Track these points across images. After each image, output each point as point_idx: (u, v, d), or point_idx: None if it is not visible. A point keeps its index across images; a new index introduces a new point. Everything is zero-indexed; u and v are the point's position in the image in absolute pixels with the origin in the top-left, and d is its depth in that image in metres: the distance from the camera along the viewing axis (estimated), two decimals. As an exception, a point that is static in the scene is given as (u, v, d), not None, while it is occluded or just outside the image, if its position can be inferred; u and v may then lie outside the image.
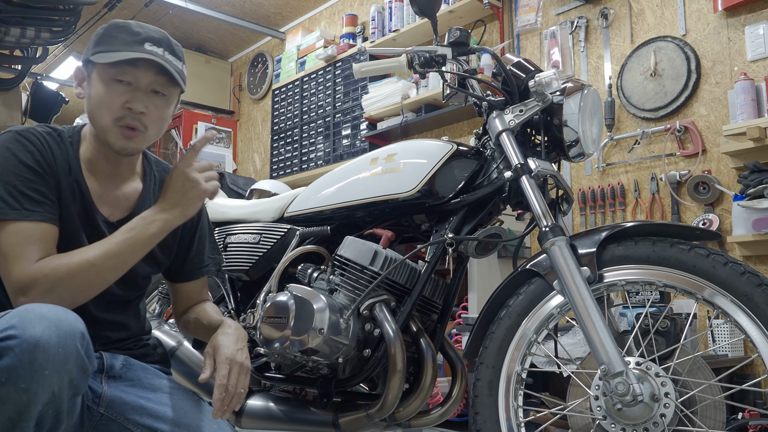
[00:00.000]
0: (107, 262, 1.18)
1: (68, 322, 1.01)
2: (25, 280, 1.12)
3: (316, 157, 4.76)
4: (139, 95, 1.25)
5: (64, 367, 0.98)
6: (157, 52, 1.24)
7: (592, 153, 1.57)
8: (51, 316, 1.00)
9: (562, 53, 3.51)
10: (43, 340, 0.96)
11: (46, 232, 1.19)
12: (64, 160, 1.26)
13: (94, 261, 1.17)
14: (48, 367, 0.96)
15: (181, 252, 1.47)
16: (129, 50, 1.22)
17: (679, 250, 1.29)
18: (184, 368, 1.76)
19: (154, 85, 1.26)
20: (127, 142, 1.26)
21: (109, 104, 1.24)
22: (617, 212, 3.23)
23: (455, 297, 1.65)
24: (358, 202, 1.65)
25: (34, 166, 1.20)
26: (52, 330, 0.98)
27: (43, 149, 1.23)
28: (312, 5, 5.25)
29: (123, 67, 1.23)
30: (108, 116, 1.24)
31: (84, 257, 1.17)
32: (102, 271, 1.18)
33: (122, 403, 1.25)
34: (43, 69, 6.01)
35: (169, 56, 1.27)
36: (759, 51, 2.82)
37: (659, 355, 1.32)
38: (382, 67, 1.73)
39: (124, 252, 1.21)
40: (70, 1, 2.94)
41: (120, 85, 1.24)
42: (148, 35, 1.25)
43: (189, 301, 1.52)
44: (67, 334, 0.99)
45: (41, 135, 1.24)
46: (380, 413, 1.45)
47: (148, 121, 1.26)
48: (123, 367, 1.32)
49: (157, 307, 2.29)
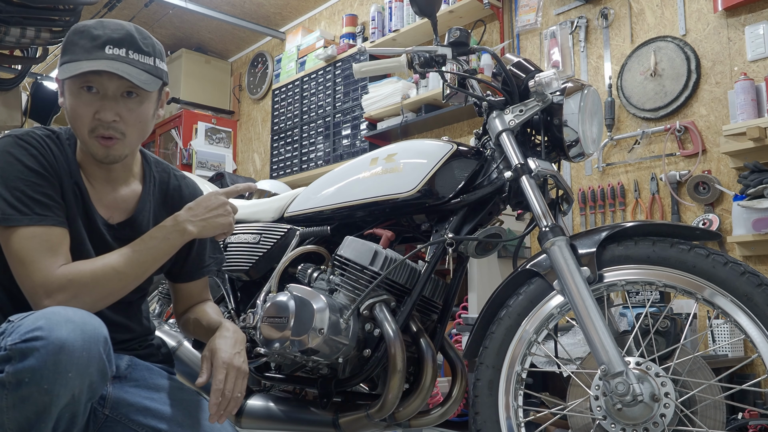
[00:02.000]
0: (131, 270, 1.21)
1: (93, 327, 1.02)
2: (51, 285, 1.13)
3: (316, 157, 4.76)
4: (107, 104, 1.20)
5: (86, 370, 0.99)
6: (119, 54, 1.19)
7: (592, 153, 1.57)
8: (77, 320, 1.01)
9: (562, 53, 3.51)
10: (68, 342, 0.97)
11: (59, 236, 1.19)
12: (64, 163, 1.26)
13: (118, 268, 1.19)
14: (72, 369, 0.97)
15: (182, 252, 1.46)
16: (89, 58, 1.17)
17: (679, 250, 1.29)
18: (184, 368, 1.76)
19: (121, 89, 1.21)
20: (107, 150, 1.23)
21: (81, 116, 1.21)
22: (617, 212, 3.23)
23: (455, 297, 1.65)
24: (358, 202, 1.65)
25: (39, 170, 1.20)
26: (78, 333, 0.99)
27: (45, 152, 1.22)
28: (312, 5, 5.25)
29: (86, 76, 1.19)
30: (83, 128, 1.22)
31: (109, 264, 1.19)
32: (125, 278, 1.20)
33: (126, 404, 1.26)
34: (43, 69, 6.01)
35: (134, 54, 1.21)
36: (759, 51, 2.82)
37: (659, 355, 1.32)
38: (382, 67, 1.73)
39: (147, 260, 1.23)
40: (70, 1, 2.94)
41: (87, 94, 1.20)
42: (108, 37, 1.19)
43: (190, 300, 1.52)
44: (91, 338, 1.00)
45: (41, 138, 1.24)
46: (380, 413, 1.45)
47: (123, 126, 1.22)
48: (128, 367, 1.32)
49: (157, 307, 2.29)
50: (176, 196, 1.44)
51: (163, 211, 1.40)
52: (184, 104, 5.61)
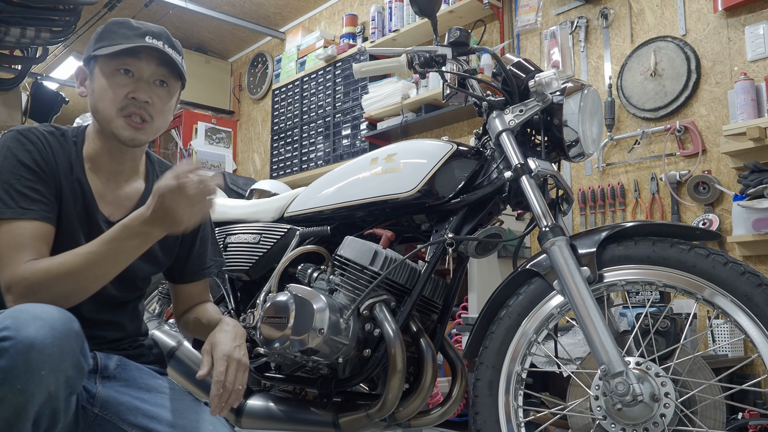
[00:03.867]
0: (89, 272, 1.14)
1: (63, 322, 1.00)
2: (10, 281, 1.12)
3: (316, 157, 4.76)
4: (142, 85, 1.26)
5: (60, 366, 0.97)
6: (158, 44, 1.26)
7: (592, 153, 1.57)
8: (45, 316, 0.99)
9: (562, 53, 3.51)
10: (38, 340, 0.95)
11: (40, 230, 1.18)
12: (66, 160, 1.26)
13: (73, 271, 1.13)
14: (44, 367, 0.95)
15: (183, 253, 1.47)
16: (131, 42, 1.24)
17: (679, 250, 1.29)
18: (184, 368, 1.75)
19: (156, 75, 1.28)
20: (134, 132, 1.26)
21: (112, 95, 1.24)
22: (617, 212, 3.23)
23: (455, 297, 1.65)
24: (358, 202, 1.65)
25: (32, 165, 1.20)
26: (47, 330, 0.97)
27: (43, 149, 1.23)
28: (312, 5, 5.25)
29: (125, 59, 1.25)
30: (112, 107, 1.25)
31: (65, 265, 1.13)
32: (83, 280, 1.14)
33: (117, 404, 1.25)
34: (43, 69, 6.01)
35: (169, 49, 1.28)
36: (759, 51, 2.82)
37: (659, 355, 1.32)
38: (382, 67, 1.73)
39: (105, 262, 1.15)
40: (70, 1, 2.94)
41: (123, 76, 1.25)
42: (148, 29, 1.28)
43: (190, 302, 1.52)
44: (62, 334, 0.98)
45: (42, 134, 1.25)
46: (380, 413, 1.45)
47: (153, 111, 1.28)
48: (117, 367, 1.31)
49: (157, 307, 2.29)
50: None
51: None
52: (184, 104, 5.61)
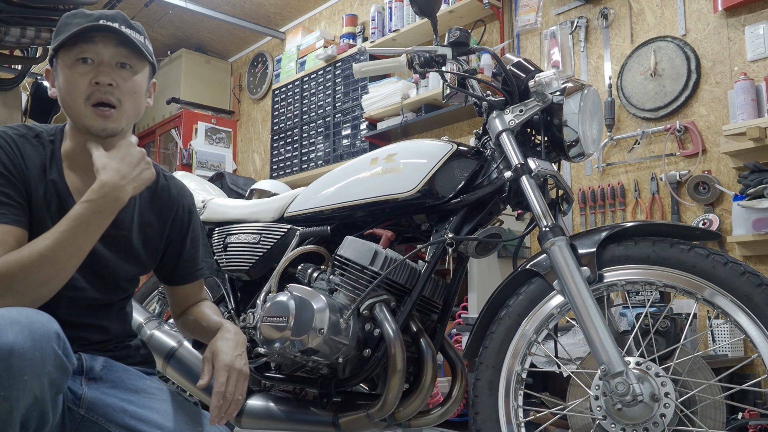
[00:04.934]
0: (62, 252, 1.12)
1: (41, 324, 0.98)
2: None
3: (316, 157, 4.76)
4: (103, 69, 1.22)
5: (42, 369, 0.96)
6: (113, 25, 1.22)
7: (592, 153, 1.57)
8: (22, 320, 0.96)
9: (562, 53, 3.51)
10: (17, 345, 0.93)
11: (8, 233, 1.14)
12: (39, 161, 1.23)
13: (46, 253, 1.10)
14: (26, 372, 0.93)
15: (173, 254, 1.45)
16: (84, 27, 1.21)
17: (679, 250, 1.29)
18: (184, 368, 1.75)
19: (117, 57, 1.24)
20: (104, 121, 1.22)
21: (76, 85, 1.21)
22: (617, 212, 3.23)
23: (455, 297, 1.65)
24: (358, 202, 1.65)
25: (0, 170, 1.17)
26: (26, 334, 0.95)
27: (12, 152, 1.20)
28: (312, 5, 5.25)
29: (81, 46, 1.21)
30: (78, 98, 1.21)
31: (36, 251, 1.11)
32: (57, 262, 1.11)
33: (103, 405, 1.23)
34: (43, 69, 6.01)
35: (127, 30, 1.24)
36: (759, 51, 2.82)
37: (659, 355, 1.32)
38: (382, 67, 1.73)
39: (78, 240, 1.13)
40: (70, 1, 2.94)
41: (83, 65, 1.22)
42: (102, 14, 1.24)
43: (186, 302, 1.51)
44: (41, 336, 0.97)
45: (10, 138, 1.22)
46: (380, 413, 1.45)
47: (119, 94, 1.23)
48: (104, 368, 1.29)
49: (157, 307, 2.29)
50: (164, 196, 1.42)
51: (150, 211, 1.39)
52: (184, 104, 5.61)
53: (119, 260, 1.31)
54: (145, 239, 1.38)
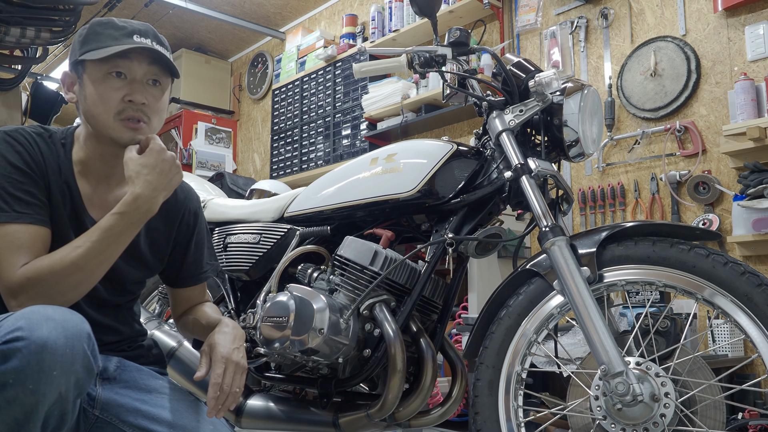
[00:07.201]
0: (93, 260, 1.15)
1: (74, 323, 1.01)
2: (12, 286, 1.11)
3: (316, 157, 4.76)
4: (137, 87, 1.24)
5: (71, 367, 0.98)
6: (147, 42, 1.24)
7: (592, 153, 1.57)
8: (57, 317, 0.99)
9: (562, 53, 3.51)
10: (50, 341, 0.96)
11: (36, 234, 1.17)
12: (54, 161, 1.25)
13: (78, 262, 1.14)
14: (56, 367, 0.95)
15: (178, 257, 1.45)
16: (119, 43, 1.21)
17: (679, 250, 1.29)
18: (184, 368, 1.75)
19: (149, 75, 1.26)
20: (134, 134, 1.24)
21: (107, 100, 1.22)
22: (617, 212, 3.23)
23: (455, 297, 1.65)
24: (358, 202, 1.65)
25: (23, 167, 1.19)
26: (59, 331, 0.97)
27: (32, 150, 1.21)
28: (312, 5, 5.25)
29: (116, 61, 1.22)
30: (109, 112, 1.22)
31: (68, 258, 1.14)
32: (87, 270, 1.15)
33: (117, 405, 1.24)
34: (43, 69, 6.01)
35: (158, 46, 1.26)
36: (759, 51, 2.82)
37: (659, 355, 1.32)
38: (382, 67, 1.73)
39: (109, 250, 1.17)
40: (70, 1, 2.94)
41: (116, 79, 1.23)
42: (134, 28, 1.25)
43: (188, 304, 1.51)
44: (74, 335, 0.99)
45: (30, 135, 1.23)
46: (380, 413, 1.45)
47: (149, 111, 1.26)
48: (117, 368, 1.31)
49: (157, 307, 2.29)
50: (171, 200, 1.41)
51: (157, 215, 1.36)
52: (184, 104, 5.61)
53: (126, 264, 1.32)
54: (152, 243, 1.39)
